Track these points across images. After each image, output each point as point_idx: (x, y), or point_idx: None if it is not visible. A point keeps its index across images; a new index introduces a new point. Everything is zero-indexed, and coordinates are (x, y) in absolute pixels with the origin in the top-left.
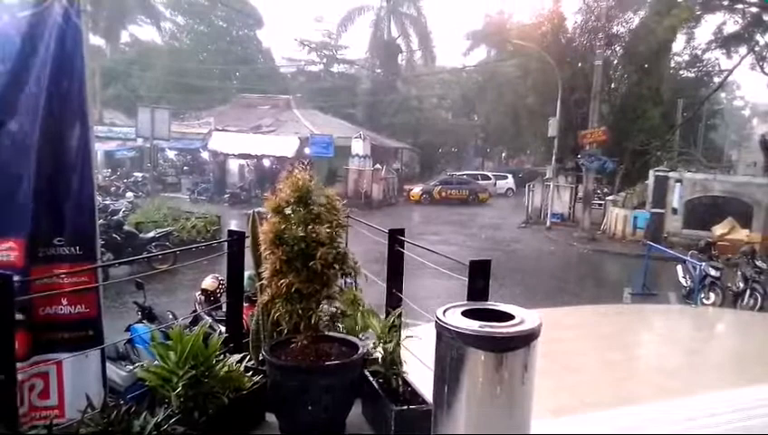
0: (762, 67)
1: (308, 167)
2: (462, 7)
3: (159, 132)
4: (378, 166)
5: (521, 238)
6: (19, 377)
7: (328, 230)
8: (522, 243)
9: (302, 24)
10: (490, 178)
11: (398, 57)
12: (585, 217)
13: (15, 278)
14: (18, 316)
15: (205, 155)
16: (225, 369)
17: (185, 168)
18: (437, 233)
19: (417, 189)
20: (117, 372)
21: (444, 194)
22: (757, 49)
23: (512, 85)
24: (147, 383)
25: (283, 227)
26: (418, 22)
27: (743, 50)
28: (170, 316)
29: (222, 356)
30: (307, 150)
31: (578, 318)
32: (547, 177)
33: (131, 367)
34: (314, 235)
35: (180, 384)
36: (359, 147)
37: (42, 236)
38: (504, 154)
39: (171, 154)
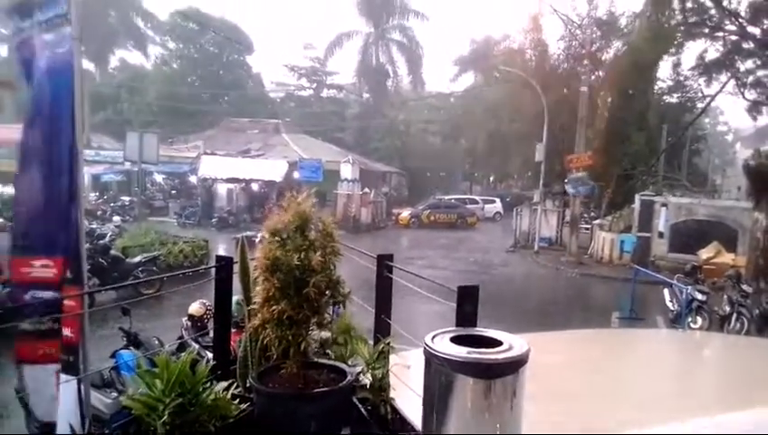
0: (743, 93)
1: (309, 193)
2: (450, 33)
3: (147, 156)
4: (366, 190)
5: (509, 262)
6: None
7: (321, 258)
8: (510, 267)
9: (292, 50)
10: (478, 202)
11: (386, 82)
12: (572, 241)
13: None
14: None
15: (193, 179)
16: (212, 397)
17: (173, 191)
18: (426, 257)
19: (405, 213)
20: (101, 400)
21: (432, 218)
22: (738, 75)
23: (499, 110)
24: (132, 412)
25: (278, 253)
26: (406, 47)
27: (724, 76)
28: (156, 342)
29: (209, 383)
30: (296, 175)
31: (566, 343)
32: (534, 201)
33: (116, 394)
34: (308, 262)
35: (166, 413)
36: (347, 171)
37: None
38: (491, 178)
39: (159, 178)
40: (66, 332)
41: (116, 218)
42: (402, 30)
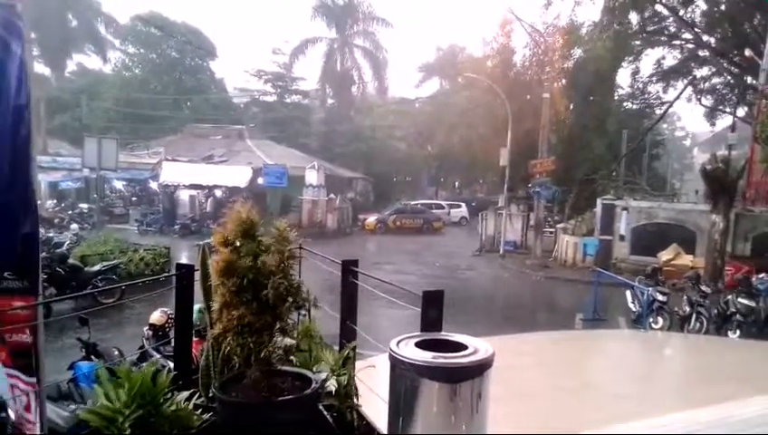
0: (699, 99)
1: (249, 200)
2: (414, 40)
3: (106, 162)
4: (332, 196)
5: (475, 266)
6: None
7: (276, 260)
8: (476, 271)
9: (255, 55)
10: (444, 207)
11: (351, 88)
12: (537, 245)
13: None
14: None
15: (154, 185)
16: (174, 407)
17: (133, 198)
18: (392, 262)
19: (371, 219)
20: (58, 413)
21: (398, 223)
22: (695, 82)
23: (464, 116)
24: (90, 424)
25: (234, 257)
26: (371, 53)
27: (681, 83)
28: (116, 353)
29: (170, 394)
30: (260, 181)
31: (531, 345)
32: (499, 205)
33: (74, 407)
34: (263, 265)
35: (126, 425)
36: (312, 177)
37: None
38: (457, 183)
39: (119, 185)
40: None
41: (74, 226)
42: (367, 36)
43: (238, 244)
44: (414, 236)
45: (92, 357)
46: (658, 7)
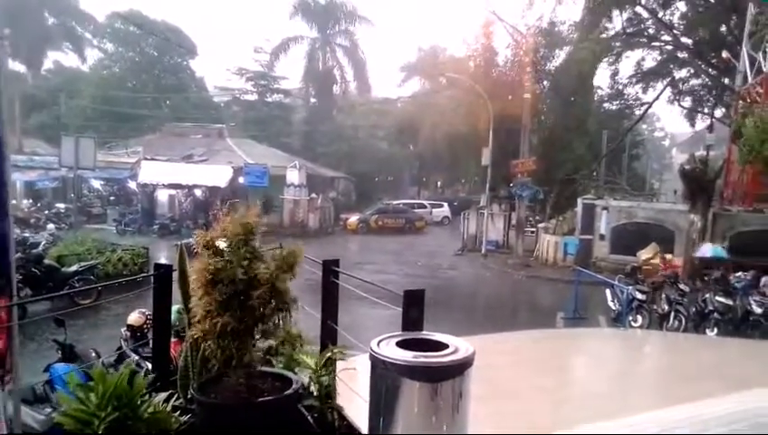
0: (678, 100)
1: (230, 200)
2: (396, 40)
3: (84, 162)
4: (314, 195)
5: (457, 266)
6: None
7: (266, 270)
8: (458, 270)
9: (236, 54)
10: (426, 207)
11: (332, 87)
12: (518, 244)
13: None
14: None
15: (133, 185)
16: (151, 409)
17: (111, 198)
18: (374, 262)
19: (353, 218)
20: (33, 416)
21: (380, 223)
22: (673, 84)
23: (446, 116)
24: (65, 428)
25: (219, 266)
26: (353, 53)
27: (661, 85)
28: (93, 355)
29: (147, 396)
30: (241, 180)
31: (513, 344)
32: (481, 205)
33: (50, 410)
34: (254, 274)
35: (102, 427)
36: (294, 176)
37: None
38: (439, 183)
39: (97, 184)
40: None
41: (50, 226)
42: (348, 35)
43: (230, 249)
44: (396, 235)
45: (68, 359)
46: (638, 9)
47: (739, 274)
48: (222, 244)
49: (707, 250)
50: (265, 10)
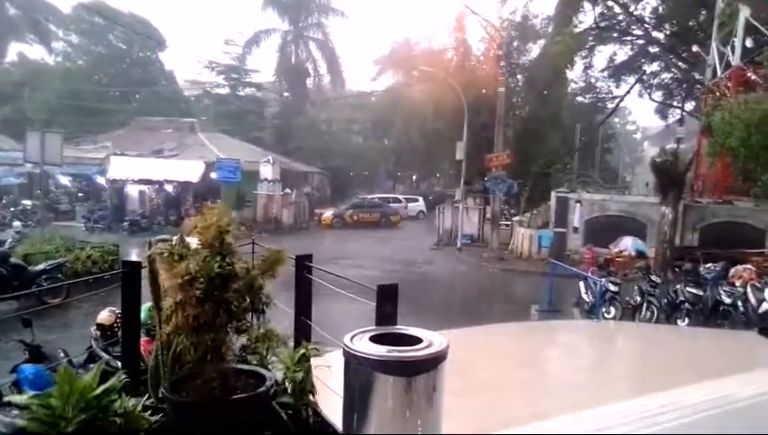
0: (650, 94)
1: (201, 196)
2: (370, 32)
3: (51, 157)
4: (288, 190)
5: (433, 260)
6: None
7: (243, 265)
8: (434, 264)
9: (207, 47)
10: (401, 201)
11: (306, 81)
12: (493, 238)
13: None
14: None
15: (102, 181)
16: (121, 409)
17: (80, 194)
18: (349, 257)
19: (328, 213)
20: None
21: (356, 217)
22: (645, 78)
23: (420, 110)
24: (31, 431)
25: (192, 267)
26: (326, 46)
27: (632, 78)
28: (62, 355)
29: (117, 396)
30: (213, 175)
31: (488, 337)
32: (456, 199)
33: (16, 412)
34: (230, 268)
35: (70, 429)
36: (267, 171)
37: None
38: (414, 177)
39: (65, 180)
40: None
41: (16, 224)
42: (321, 28)
43: (203, 247)
44: (371, 230)
45: (36, 360)
46: (610, 3)
47: (709, 265)
48: (195, 242)
49: (628, 244)
50: (237, 2)
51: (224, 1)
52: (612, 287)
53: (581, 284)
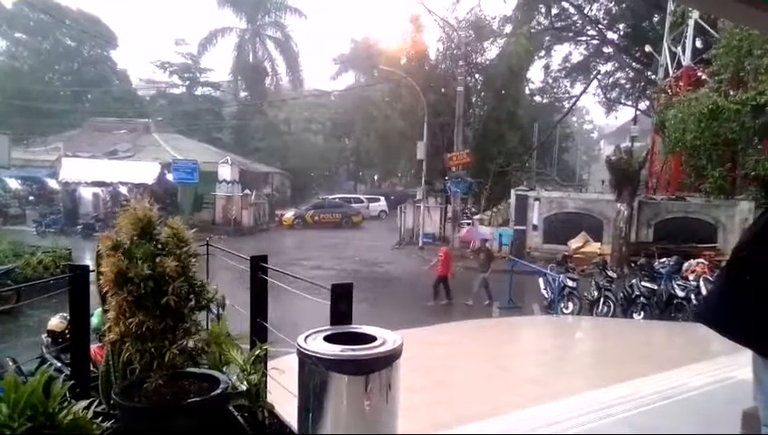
0: (604, 93)
1: (146, 195)
2: (329, 31)
3: None
4: (247, 191)
5: (394, 260)
6: None
7: (176, 263)
8: (395, 264)
9: (161, 46)
10: (363, 201)
11: (264, 80)
12: (455, 237)
13: None
14: None
15: (53, 183)
16: (70, 417)
17: (30, 198)
18: (311, 258)
19: (289, 214)
20: None
21: (317, 218)
22: (599, 77)
23: (380, 109)
24: None
25: (126, 264)
26: (285, 45)
27: (588, 78)
28: (10, 363)
29: (67, 403)
30: (170, 177)
31: (450, 334)
32: (418, 198)
33: None
34: (162, 269)
35: None
36: (226, 172)
37: None
38: (376, 177)
39: (14, 183)
40: None
41: None
42: (279, 27)
43: (131, 247)
44: (333, 230)
45: None
46: (565, 4)
47: (663, 259)
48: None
49: (485, 233)
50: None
51: None
52: (570, 283)
53: (541, 280)
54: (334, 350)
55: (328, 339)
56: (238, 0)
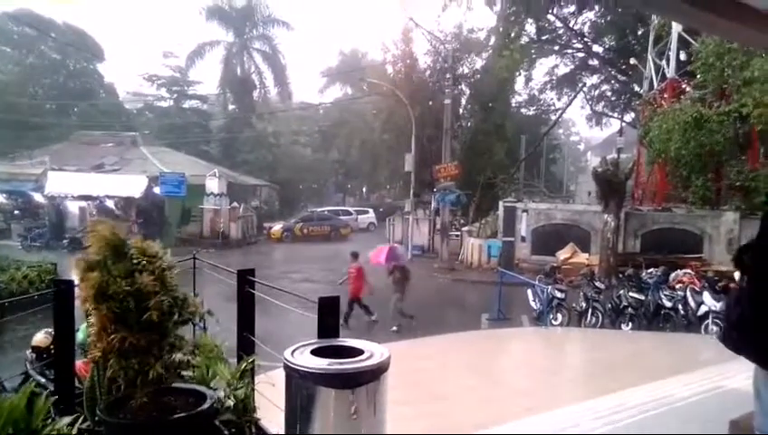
0: (590, 105)
1: (133, 209)
2: (317, 45)
3: None
4: (235, 204)
5: (383, 272)
6: None
7: (151, 277)
8: (384, 276)
9: (149, 59)
10: (351, 214)
11: (252, 93)
12: (444, 249)
13: None
14: None
15: (39, 197)
16: (54, 433)
17: (15, 212)
18: (300, 271)
19: (277, 227)
20: None
21: (305, 231)
22: (585, 90)
23: (369, 121)
24: None
25: (105, 279)
26: (272, 58)
27: (573, 91)
28: None
29: (51, 419)
30: (157, 190)
31: (440, 347)
32: (406, 210)
33: None
34: (140, 285)
35: None
36: (214, 185)
37: None
38: (364, 189)
39: None
40: None
41: None
42: (267, 40)
43: (108, 264)
44: (321, 243)
45: None
46: (551, 17)
47: (651, 270)
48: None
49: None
50: (180, 13)
51: (166, 12)
52: (558, 294)
53: (529, 291)
54: (321, 364)
55: (315, 352)
56: (226, 13)
